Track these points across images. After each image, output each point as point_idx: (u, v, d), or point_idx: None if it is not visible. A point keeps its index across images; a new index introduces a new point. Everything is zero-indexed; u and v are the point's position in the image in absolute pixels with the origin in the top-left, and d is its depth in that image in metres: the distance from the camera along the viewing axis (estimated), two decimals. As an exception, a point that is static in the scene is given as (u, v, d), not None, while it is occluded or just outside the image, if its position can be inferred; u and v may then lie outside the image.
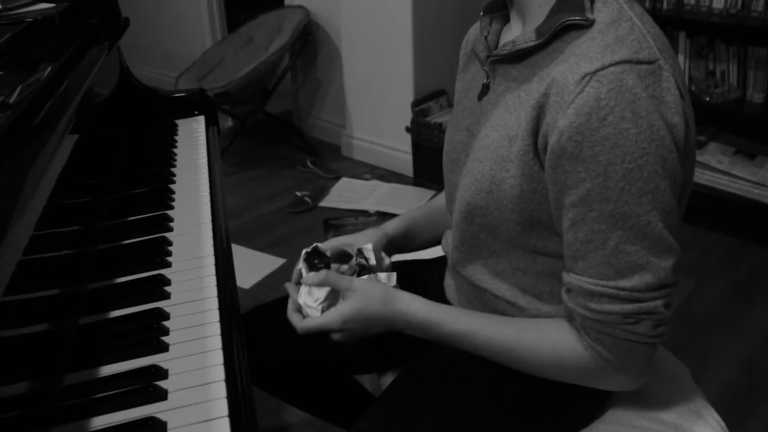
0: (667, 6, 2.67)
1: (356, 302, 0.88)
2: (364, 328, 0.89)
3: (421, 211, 1.13)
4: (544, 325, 0.84)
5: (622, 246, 0.72)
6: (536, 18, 0.80)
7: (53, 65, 1.04)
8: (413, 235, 1.11)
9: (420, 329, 0.89)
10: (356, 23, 3.11)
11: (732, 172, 2.56)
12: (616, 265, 0.73)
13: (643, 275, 0.73)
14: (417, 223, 1.11)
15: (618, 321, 0.75)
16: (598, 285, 0.75)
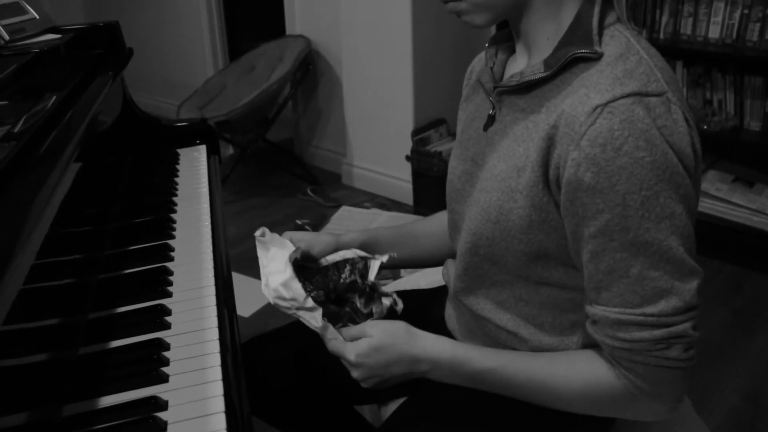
0: (664, 36, 2.70)
1: (373, 340, 0.87)
2: (386, 365, 0.87)
3: (385, 231, 1.11)
4: (573, 357, 0.84)
5: (646, 272, 0.72)
6: (543, 50, 0.81)
7: (58, 95, 1.05)
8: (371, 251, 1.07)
9: (448, 369, 0.87)
10: (357, 52, 3.14)
11: (731, 199, 2.57)
12: (641, 292, 0.73)
13: (669, 299, 0.73)
14: (378, 242, 1.08)
15: (649, 348, 0.75)
16: (624, 313, 0.74)
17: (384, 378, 0.88)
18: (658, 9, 2.70)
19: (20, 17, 1.39)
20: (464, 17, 0.81)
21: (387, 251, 1.02)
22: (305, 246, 1.01)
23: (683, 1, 2.64)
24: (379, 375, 0.88)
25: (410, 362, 0.87)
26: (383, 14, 2.94)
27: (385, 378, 0.88)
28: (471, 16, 0.80)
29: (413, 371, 0.88)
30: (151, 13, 4.78)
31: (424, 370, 0.87)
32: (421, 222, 1.15)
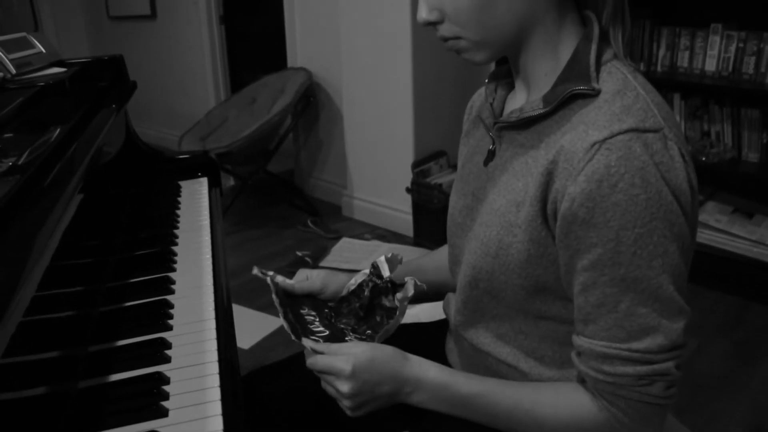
0: (661, 68, 2.73)
1: (368, 351, 0.84)
2: (376, 383, 0.84)
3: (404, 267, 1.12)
4: (559, 388, 0.84)
5: (634, 308, 0.73)
6: (542, 86, 0.82)
7: (62, 128, 1.06)
8: None
9: (432, 391, 0.85)
10: (357, 85, 3.17)
11: (731, 230, 2.58)
12: (629, 327, 0.74)
13: (655, 337, 0.74)
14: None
15: (632, 383, 0.75)
16: (610, 347, 0.75)
17: (370, 398, 0.85)
18: (655, 42, 2.74)
19: (27, 51, 1.41)
20: (464, 55, 0.83)
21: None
22: (320, 285, 1.03)
23: (680, 35, 2.68)
24: (368, 392, 0.85)
25: (398, 382, 0.85)
26: (384, 47, 2.98)
27: (372, 398, 0.85)
28: (471, 53, 0.82)
29: (398, 393, 0.85)
30: (154, 45, 4.85)
31: (407, 391, 0.85)
32: (428, 255, 1.15)
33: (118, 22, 5.12)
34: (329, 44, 3.39)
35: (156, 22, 4.76)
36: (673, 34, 2.69)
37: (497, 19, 0.78)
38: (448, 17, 0.79)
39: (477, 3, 0.76)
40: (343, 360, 0.84)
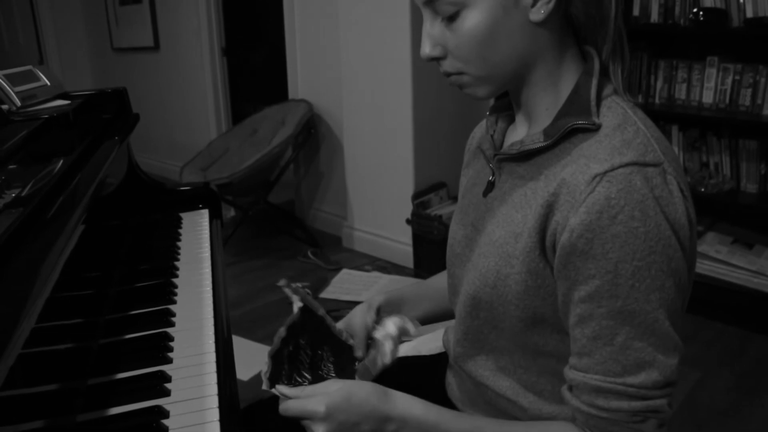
0: (659, 101, 2.76)
1: (344, 389, 0.82)
2: (351, 426, 0.81)
3: (408, 290, 1.12)
4: (549, 426, 0.83)
5: (630, 342, 0.73)
6: (542, 120, 0.83)
7: (65, 160, 1.07)
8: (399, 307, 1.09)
9: (418, 429, 0.82)
10: (358, 117, 3.20)
11: (731, 261, 2.57)
12: (624, 361, 0.74)
13: (650, 372, 0.73)
14: (404, 300, 1.10)
15: (626, 419, 0.75)
16: (605, 381, 0.75)
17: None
18: (653, 75, 2.76)
19: (33, 84, 1.43)
20: (466, 90, 0.84)
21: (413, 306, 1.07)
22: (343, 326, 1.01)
23: (677, 68, 2.71)
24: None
25: (380, 420, 0.81)
26: (384, 79, 3.01)
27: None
28: (473, 89, 0.83)
29: (380, 430, 0.82)
30: (157, 77, 4.90)
31: (392, 430, 0.82)
32: (437, 276, 1.15)
33: (122, 53, 5.19)
34: (330, 76, 3.42)
35: (159, 53, 4.81)
36: (671, 66, 2.72)
37: (499, 55, 0.79)
38: (450, 53, 0.81)
39: (479, 39, 0.78)
40: (315, 401, 0.81)
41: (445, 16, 0.79)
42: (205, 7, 4.22)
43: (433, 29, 0.81)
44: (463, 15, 0.77)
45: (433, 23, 0.81)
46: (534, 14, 0.77)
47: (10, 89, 1.35)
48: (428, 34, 0.81)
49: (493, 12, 0.76)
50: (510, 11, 0.77)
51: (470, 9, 0.77)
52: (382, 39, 2.97)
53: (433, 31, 0.81)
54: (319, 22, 3.46)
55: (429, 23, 0.81)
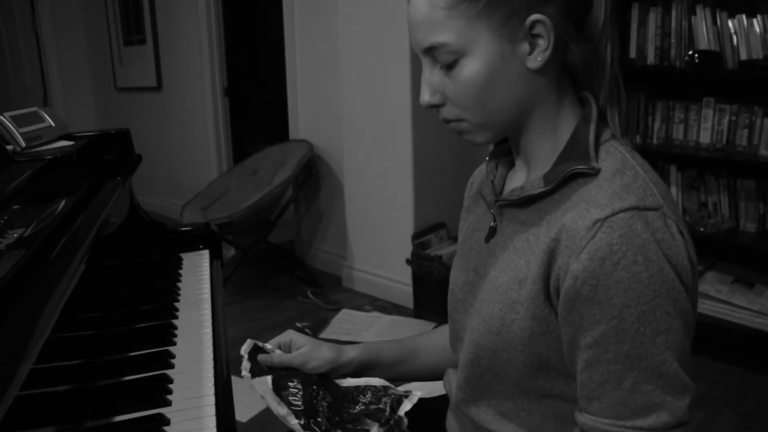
0: (657, 141, 2.78)
1: None
2: None
3: (387, 347, 1.11)
4: None
5: (638, 386, 0.73)
6: (542, 165, 0.84)
7: (68, 201, 1.08)
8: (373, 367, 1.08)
9: None
10: (358, 157, 3.22)
11: (732, 301, 2.57)
12: (633, 404, 0.73)
13: (659, 414, 0.73)
14: (381, 358, 1.09)
15: None
16: (615, 425, 0.74)
17: None
18: (650, 116, 2.79)
19: (37, 125, 1.45)
20: (466, 136, 0.85)
21: (388, 368, 1.06)
22: (301, 360, 1.02)
23: (674, 108, 2.74)
24: None
25: None
26: (384, 120, 3.04)
27: None
28: (472, 135, 0.84)
29: None
30: (159, 116, 4.94)
31: None
32: (423, 336, 1.15)
33: (125, 93, 5.25)
34: (330, 117, 3.46)
35: (162, 93, 4.87)
36: (668, 107, 2.75)
37: (498, 102, 0.80)
38: (450, 100, 0.82)
39: (478, 87, 0.79)
40: None
41: (443, 64, 0.80)
42: (208, 47, 4.28)
43: (432, 77, 0.82)
44: (462, 63, 0.79)
45: (432, 71, 0.82)
46: (531, 62, 0.78)
47: (16, 130, 1.37)
48: (427, 81, 0.82)
49: (491, 60, 0.78)
50: (508, 59, 0.78)
51: (469, 57, 0.78)
52: (383, 80, 3.01)
53: (432, 78, 0.82)
54: (320, 63, 3.51)
55: (428, 71, 0.82)
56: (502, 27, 0.77)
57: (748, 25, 2.44)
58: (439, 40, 0.78)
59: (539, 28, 0.77)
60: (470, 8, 0.77)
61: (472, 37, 0.77)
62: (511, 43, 0.78)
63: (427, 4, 0.79)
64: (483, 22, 0.77)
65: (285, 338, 1.06)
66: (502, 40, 0.77)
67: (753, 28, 2.43)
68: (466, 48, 0.78)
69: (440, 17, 0.78)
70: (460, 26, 0.77)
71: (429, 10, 0.79)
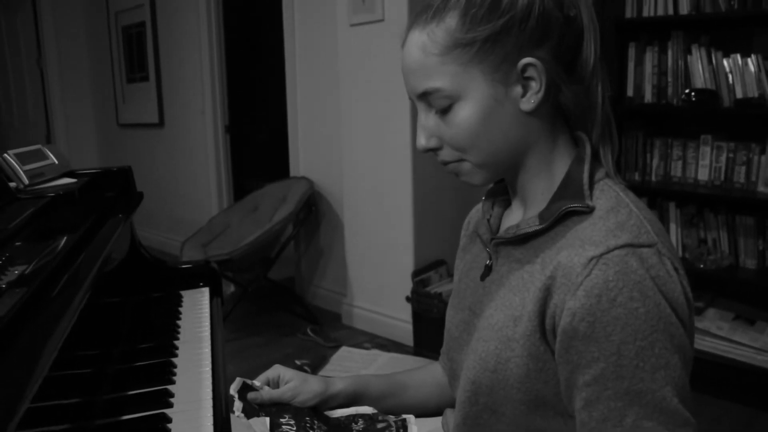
0: (656, 178, 2.80)
1: None
2: None
3: (376, 381, 1.11)
4: None
5: (639, 422, 0.73)
6: (538, 203, 0.85)
7: (70, 238, 1.08)
8: (360, 400, 1.08)
9: None
10: (358, 194, 3.23)
11: (733, 338, 2.55)
12: None
13: None
14: (368, 391, 1.08)
15: None
16: None
17: None
18: (649, 153, 2.82)
19: (41, 162, 1.46)
20: (463, 177, 0.86)
21: (376, 401, 1.04)
22: (290, 395, 1.02)
23: (672, 146, 2.76)
24: None
25: None
26: (384, 157, 3.06)
27: None
28: (470, 176, 0.85)
29: None
30: (161, 152, 4.98)
31: None
32: (412, 372, 1.15)
33: (127, 129, 5.30)
34: (331, 154, 3.48)
35: (163, 130, 4.91)
36: (666, 145, 2.78)
37: (494, 144, 0.81)
38: (447, 143, 0.83)
39: (473, 130, 0.80)
40: None
41: (438, 109, 0.81)
42: (210, 85, 4.33)
43: (428, 121, 0.83)
44: (457, 107, 0.80)
45: (428, 115, 0.83)
46: (525, 104, 0.80)
47: (19, 168, 1.38)
48: (423, 126, 0.84)
49: (485, 104, 0.79)
50: (502, 102, 0.80)
51: (463, 101, 0.80)
52: (383, 118, 3.04)
53: (428, 123, 0.83)
54: (322, 101, 3.55)
55: (423, 115, 0.84)
56: (495, 71, 0.79)
57: (742, 64, 2.48)
58: (434, 86, 0.80)
59: (531, 71, 0.79)
60: (463, 54, 0.78)
61: (465, 81, 0.79)
62: (504, 86, 0.79)
63: (421, 50, 0.80)
64: (476, 66, 0.78)
65: (273, 374, 1.05)
66: (495, 84, 0.79)
67: (748, 67, 2.47)
68: (460, 92, 0.79)
69: (434, 63, 0.79)
70: (453, 71, 0.79)
71: (423, 57, 0.80)
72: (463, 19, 0.79)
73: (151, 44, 4.81)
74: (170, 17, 4.64)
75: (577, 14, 0.81)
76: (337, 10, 3.18)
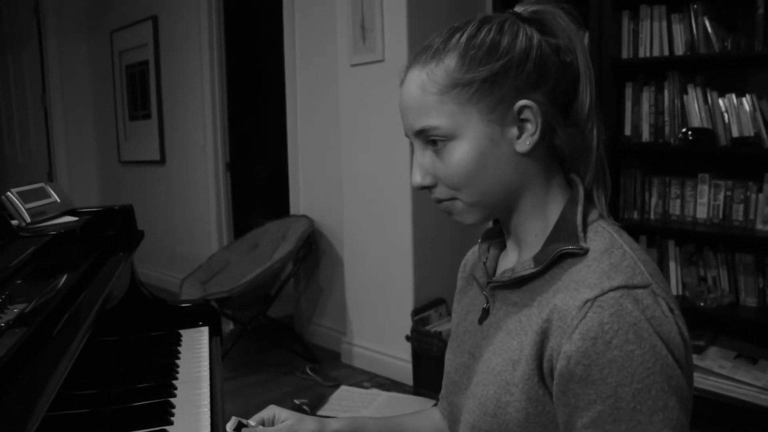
0: (654, 216, 2.81)
1: None
2: None
3: (373, 423, 1.08)
4: None
5: None
6: (532, 246, 0.85)
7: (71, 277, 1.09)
8: None
9: None
10: (358, 233, 3.24)
11: (735, 377, 2.53)
12: None
13: None
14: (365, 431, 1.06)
15: None
16: None
17: None
18: (647, 191, 2.83)
19: (43, 201, 1.48)
20: (456, 217, 0.86)
21: None
22: None
23: (670, 184, 2.77)
24: None
25: None
26: (384, 196, 3.08)
27: None
28: (463, 216, 0.86)
29: None
30: (161, 190, 5.00)
31: None
32: (411, 416, 1.13)
33: (129, 166, 5.33)
34: (331, 193, 3.50)
35: (165, 167, 4.94)
36: (664, 183, 2.79)
37: (488, 184, 0.82)
38: (441, 181, 0.84)
39: (468, 169, 0.81)
40: None
41: (434, 147, 0.82)
42: (211, 123, 4.37)
43: (424, 159, 0.84)
44: (452, 146, 0.81)
45: (424, 153, 0.84)
46: (520, 145, 0.81)
47: (22, 206, 1.39)
48: (419, 163, 0.85)
49: (480, 143, 0.81)
50: (497, 143, 0.81)
51: (459, 140, 0.81)
52: (383, 157, 3.06)
53: (424, 160, 0.84)
54: (323, 140, 3.58)
55: (420, 153, 0.85)
56: (492, 112, 0.80)
57: (738, 104, 2.51)
58: (431, 124, 0.81)
59: (527, 113, 0.80)
60: (461, 94, 0.80)
61: (462, 121, 0.80)
62: (500, 127, 0.81)
63: (420, 89, 0.82)
64: (473, 107, 0.80)
65: (267, 414, 1.04)
66: (491, 124, 0.80)
67: (743, 107, 2.50)
68: (456, 131, 0.81)
69: (432, 102, 0.81)
70: (451, 110, 0.80)
71: (421, 95, 0.82)
72: (462, 60, 0.80)
73: (154, 82, 4.87)
74: (173, 56, 4.71)
75: (573, 60, 0.83)
76: (338, 50, 3.23)
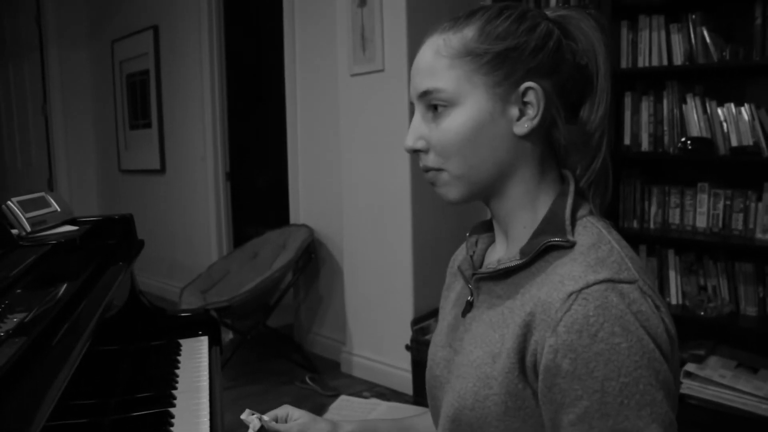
0: (654, 225, 2.81)
1: None
2: None
3: (384, 424, 1.09)
4: None
5: None
6: (520, 238, 0.85)
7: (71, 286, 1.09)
8: None
9: None
10: (358, 242, 3.24)
11: (736, 386, 2.52)
12: None
13: None
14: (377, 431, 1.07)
15: None
16: None
17: None
18: (647, 201, 2.83)
19: (43, 210, 1.48)
20: (440, 189, 0.86)
21: None
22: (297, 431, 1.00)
23: (669, 193, 2.78)
24: None
25: None
26: (384, 205, 3.08)
27: None
28: (447, 188, 0.85)
29: None
30: (162, 199, 5.00)
31: None
32: (420, 417, 1.13)
33: (129, 175, 5.33)
34: (331, 202, 3.50)
35: (165, 176, 4.94)
36: (663, 192, 2.79)
37: (478, 157, 0.83)
38: (433, 147, 0.84)
39: (461, 137, 0.82)
40: None
41: (434, 112, 0.83)
42: (211, 132, 4.38)
43: (421, 123, 0.85)
44: (451, 112, 0.82)
45: (423, 118, 0.85)
46: (518, 127, 0.82)
47: (22, 215, 1.40)
48: (415, 127, 0.85)
49: (480, 115, 0.81)
50: (496, 119, 0.81)
51: (459, 108, 0.82)
52: (383, 166, 3.07)
53: (420, 125, 0.85)
54: (321, 149, 3.59)
55: (418, 117, 0.85)
56: (498, 86, 0.81)
57: (736, 113, 2.52)
58: (436, 86, 0.82)
59: (531, 96, 0.81)
60: (472, 62, 0.81)
61: (467, 89, 0.81)
62: (502, 103, 0.81)
63: (434, 52, 0.83)
64: (481, 77, 0.81)
65: (281, 412, 1.04)
66: (494, 99, 0.81)
67: (741, 116, 2.50)
68: (459, 98, 0.82)
69: (442, 65, 0.82)
70: (458, 76, 0.81)
71: (433, 58, 0.83)
72: (481, 32, 0.82)
73: (155, 92, 4.88)
74: (173, 66, 4.72)
75: (589, 64, 0.84)
76: (338, 59, 3.24)
